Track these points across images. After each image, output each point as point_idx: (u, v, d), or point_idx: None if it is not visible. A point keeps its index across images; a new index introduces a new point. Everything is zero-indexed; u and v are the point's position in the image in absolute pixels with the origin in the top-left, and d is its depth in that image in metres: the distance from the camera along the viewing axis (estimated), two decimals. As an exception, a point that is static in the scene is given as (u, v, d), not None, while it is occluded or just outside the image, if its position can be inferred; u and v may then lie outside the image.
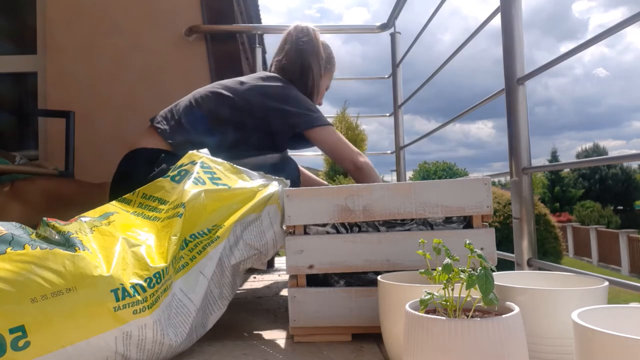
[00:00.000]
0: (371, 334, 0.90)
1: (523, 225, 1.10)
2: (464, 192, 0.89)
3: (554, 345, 0.64)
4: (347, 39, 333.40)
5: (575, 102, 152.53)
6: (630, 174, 34.08)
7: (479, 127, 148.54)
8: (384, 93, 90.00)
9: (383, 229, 0.92)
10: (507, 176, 1.15)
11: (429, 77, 1.81)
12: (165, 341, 0.77)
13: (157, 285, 0.78)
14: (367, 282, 0.92)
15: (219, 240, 0.90)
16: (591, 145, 36.91)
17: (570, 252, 17.73)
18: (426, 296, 0.57)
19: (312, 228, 0.93)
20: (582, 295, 0.64)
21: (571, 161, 3.62)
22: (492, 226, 0.91)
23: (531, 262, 1.09)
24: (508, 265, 1.14)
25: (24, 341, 0.66)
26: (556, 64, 1.00)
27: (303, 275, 0.92)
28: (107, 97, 2.24)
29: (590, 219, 23.97)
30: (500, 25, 1.16)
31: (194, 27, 2.26)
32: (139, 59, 2.29)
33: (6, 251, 0.71)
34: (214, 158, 1.07)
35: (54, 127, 2.26)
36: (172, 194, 0.94)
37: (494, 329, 0.51)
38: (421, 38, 2.02)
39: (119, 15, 2.34)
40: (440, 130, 1.81)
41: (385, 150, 2.53)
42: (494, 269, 0.67)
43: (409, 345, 0.56)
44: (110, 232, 0.83)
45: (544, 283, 0.78)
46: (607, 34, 0.85)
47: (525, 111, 1.12)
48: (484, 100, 1.30)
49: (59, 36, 2.31)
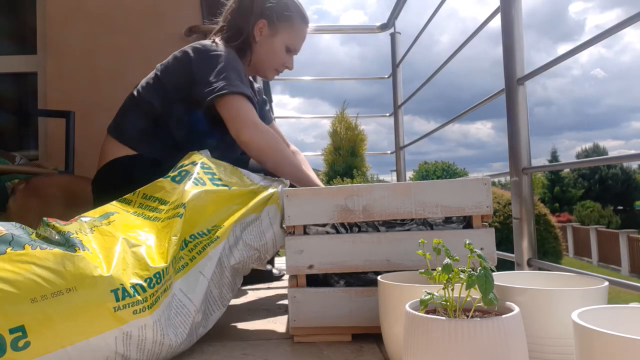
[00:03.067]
0: (371, 334, 0.90)
1: (523, 225, 1.10)
2: (463, 192, 0.89)
3: (554, 346, 0.64)
4: (345, 41, 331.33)
5: (574, 102, 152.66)
6: (630, 174, 34.07)
7: (477, 127, 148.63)
8: (382, 94, 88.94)
9: (383, 229, 0.92)
10: (507, 176, 1.15)
11: (429, 77, 1.81)
12: (165, 341, 0.77)
13: (157, 286, 0.78)
14: (367, 282, 0.92)
15: (218, 241, 0.90)
16: (591, 146, 36.95)
17: (570, 252, 17.73)
18: (426, 296, 0.57)
19: (312, 228, 0.93)
20: (582, 295, 0.64)
21: (571, 161, 3.62)
22: (492, 226, 0.91)
23: (531, 262, 1.09)
24: (508, 265, 1.14)
25: (24, 341, 0.66)
26: (556, 64, 1.00)
27: (303, 275, 0.92)
28: (107, 97, 2.24)
29: (590, 219, 23.97)
30: (498, 27, 1.16)
31: (194, 27, 2.26)
32: (139, 59, 2.29)
33: (6, 251, 0.71)
34: (214, 159, 1.07)
35: (54, 127, 2.26)
36: (172, 195, 0.94)
37: (494, 329, 0.51)
38: (419, 39, 2.02)
39: (119, 16, 2.34)
40: (439, 130, 1.81)
41: (384, 151, 2.53)
42: (494, 269, 0.67)
43: (409, 345, 0.56)
44: (111, 232, 0.83)
45: (544, 283, 0.78)
46: (606, 35, 0.85)
47: (525, 111, 1.12)
48: (484, 100, 1.30)
49: (59, 36, 2.32)
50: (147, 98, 1.25)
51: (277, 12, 1.33)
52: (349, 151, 8.14)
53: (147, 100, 1.25)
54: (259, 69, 1.40)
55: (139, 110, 1.26)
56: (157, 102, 1.24)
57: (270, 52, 1.36)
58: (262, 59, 1.37)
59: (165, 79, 1.26)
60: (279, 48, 1.35)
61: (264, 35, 1.34)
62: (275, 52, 1.35)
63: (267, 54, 1.36)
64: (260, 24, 1.33)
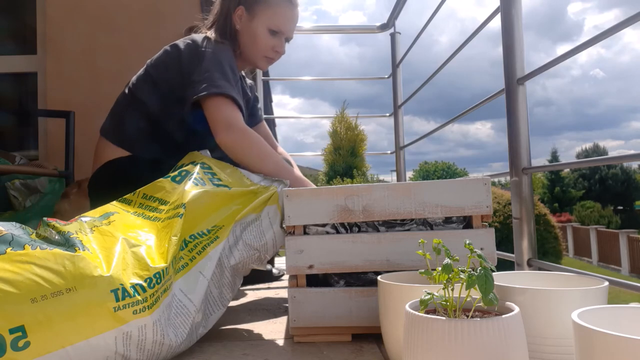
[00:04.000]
0: (371, 334, 0.90)
1: (523, 225, 1.10)
2: (463, 192, 0.89)
3: (554, 346, 0.64)
4: (344, 41, 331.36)
5: (573, 102, 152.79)
6: (630, 174, 34.07)
7: (477, 127, 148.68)
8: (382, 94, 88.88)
9: (383, 229, 0.92)
10: (507, 176, 1.15)
11: (429, 77, 1.81)
12: (165, 341, 0.77)
13: (157, 286, 0.78)
14: (367, 282, 0.92)
15: (218, 241, 0.90)
16: (591, 146, 36.94)
17: (570, 252, 17.73)
18: (426, 296, 0.57)
19: (312, 228, 0.93)
20: (582, 295, 0.64)
21: (571, 161, 3.62)
22: (492, 226, 0.91)
23: (531, 262, 1.09)
24: (508, 265, 1.14)
25: (24, 341, 0.66)
26: (557, 64, 1.00)
27: (303, 275, 0.92)
28: (107, 97, 2.24)
29: (590, 219, 23.97)
30: (498, 27, 1.16)
31: (194, 27, 2.26)
32: (139, 59, 2.28)
33: (6, 251, 0.71)
34: (214, 159, 1.07)
35: (54, 127, 2.26)
36: (172, 195, 0.95)
37: (494, 329, 0.51)
38: (419, 39, 2.02)
39: (119, 16, 2.34)
40: (439, 130, 1.81)
41: (384, 151, 2.53)
42: (494, 269, 0.67)
43: (409, 346, 0.56)
44: (111, 232, 0.83)
45: (544, 283, 0.78)
46: (605, 35, 0.85)
47: (525, 111, 1.12)
48: (484, 101, 1.30)
49: (59, 36, 2.32)
50: (140, 96, 1.23)
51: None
52: (349, 151, 8.13)
53: (140, 99, 1.23)
54: (249, 59, 1.36)
55: (133, 111, 1.24)
56: (152, 102, 1.22)
57: (253, 38, 1.30)
58: (247, 48, 1.32)
59: (155, 74, 1.23)
60: (261, 32, 1.29)
61: (244, 21, 1.30)
62: (258, 36, 1.29)
63: (250, 40, 1.30)
64: (238, 11, 1.30)
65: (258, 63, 1.37)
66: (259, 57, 1.35)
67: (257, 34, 1.29)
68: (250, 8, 1.29)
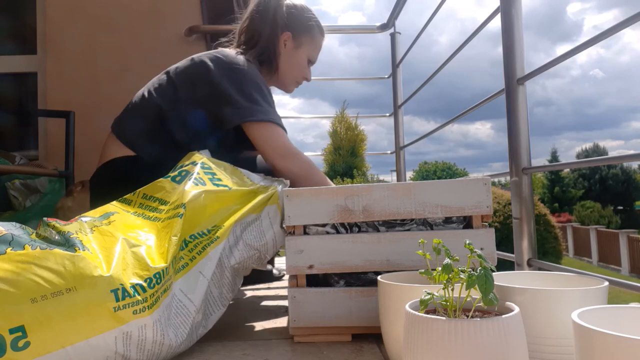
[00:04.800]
0: (371, 334, 0.90)
1: (523, 225, 1.10)
2: (463, 192, 0.89)
3: (554, 346, 0.64)
4: (344, 41, 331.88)
5: (573, 102, 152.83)
6: (630, 174, 34.06)
7: (477, 127, 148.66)
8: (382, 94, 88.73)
9: (383, 229, 0.92)
10: (507, 176, 1.15)
11: (429, 77, 1.81)
12: (165, 341, 0.77)
13: (157, 286, 0.78)
14: (367, 282, 0.92)
15: (218, 241, 0.90)
16: (591, 146, 36.92)
17: (570, 252, 17.74)
18: (426, 296, 0.57)
19: (312, 228, 0.93)
20: (582, 295, 0.64)
21: (571, 161, 3.62)
22: (492, 226, 0.91)
23: (531, 262, 1.09)
24: (508, 265, 1.14)
25: (24, 341, 0.66)
26: (556, 64, 1.00)
27: (303, 275, 0.92)
28: (107, 97, 2.24)
29: (590, 219, 23.98)
30: (497, 27, 1.16)
31: (194, 27, 2.26)
32: (139, 59, 2.29)
33: (6, 251, 0.71)
34: (214, 159, 1.07)
35: (54, 127, 2.26)
36: (172, 195, 0.94)
37: (493, 329, 0.51)
38: (418, 39, 2.02)
39: (119, 16, 2.34)
40: (439, 130, 1.81)
41: (383, 151, 2.53)
42: (494, 269, 0.67)
43: (408, 346, 0.56)
44: (111, 232, 0.83)
45: (544, 283, 0.78)
46: (605, 35, 0.85)
47: (525, 111, 1.12)
48: (484, 101, 1.30)
49: (59, 36, 2.32)
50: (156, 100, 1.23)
51: (300, 23, 1.32)
52: (349, 151, 8.13)
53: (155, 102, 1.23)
54: (281, 82, 1.39)
55: (144, 111, 1.25)
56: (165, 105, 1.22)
57: (295, 65, 1.35)
58: (285, 72, 1.35)
59: (180, 83, 1.22)
60: (302, 60, 1.35)
61: (288, 47, 1.33)
62: (299, 64, 1.35)
63: (291, 66, 1.34)
64: (284, 36, 1.32)
65: (289, 87, 1.41)
66: (292, 82, 1.39)
67: (299, 61, 1.35)
68: (297, 36, 1.33)
